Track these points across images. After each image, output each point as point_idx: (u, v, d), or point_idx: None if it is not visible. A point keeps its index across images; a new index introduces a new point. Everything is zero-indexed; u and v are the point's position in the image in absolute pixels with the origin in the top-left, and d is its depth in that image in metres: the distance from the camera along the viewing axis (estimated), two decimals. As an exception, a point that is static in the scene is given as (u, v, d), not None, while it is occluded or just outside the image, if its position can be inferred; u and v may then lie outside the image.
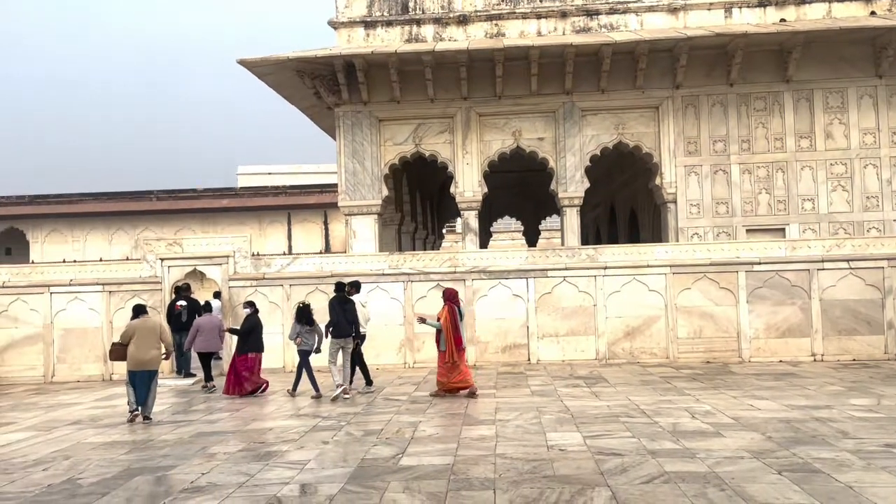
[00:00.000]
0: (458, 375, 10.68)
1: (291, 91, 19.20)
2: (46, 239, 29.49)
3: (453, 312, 10.71)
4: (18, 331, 14.67)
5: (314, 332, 11.40)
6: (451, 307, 10.76)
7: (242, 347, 11.62)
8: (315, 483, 6.23)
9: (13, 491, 6.34)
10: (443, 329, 10.67)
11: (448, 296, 10.95)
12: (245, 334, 11.65)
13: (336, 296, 11.30)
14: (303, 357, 11.42)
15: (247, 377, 11.54)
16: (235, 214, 29.78)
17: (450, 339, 10.61)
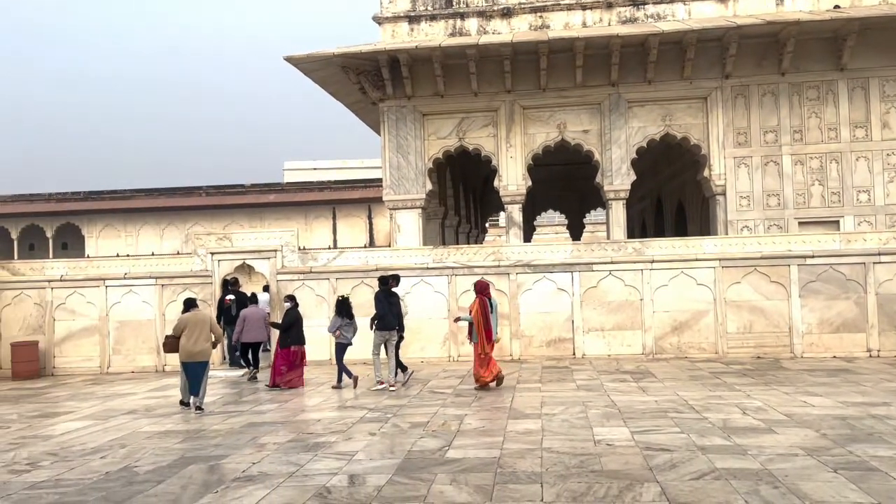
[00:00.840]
0: (488, 370, 10.74)
1: (337, 87, 19.37)
2: (101, 234, 30.36)
3: (484, 305, 10.79)
4: (76, 323, 15.16)
5: (352, 325, 11.63)
6: (483, 300, 10.85)
7: (284, 341, 11.82)
8: (363, 474, 6.31)
9: (72, 478, 6.57)
10: (474, 322, 10.76)
11: (479, 288, 11.05)
12: (286, 328, 11.83)
13: (382, 289, 11.47)
14: (341, 350, 11.63)
15: (284, 371, 11.72)
16: (282, 209, 30.22)
17: (480, 331, 10.70)
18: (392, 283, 11.86)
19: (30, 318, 15.17)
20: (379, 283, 11.69)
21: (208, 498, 5.76)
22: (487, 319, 10.72)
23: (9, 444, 8.13)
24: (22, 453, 7.65)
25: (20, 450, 7.82)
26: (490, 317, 10.76)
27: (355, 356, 12.96)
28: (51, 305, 15.14)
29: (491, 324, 10.75)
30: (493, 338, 10.78)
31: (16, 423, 9.59)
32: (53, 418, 9.85)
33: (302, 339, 11.93)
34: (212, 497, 5.78)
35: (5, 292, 15.22)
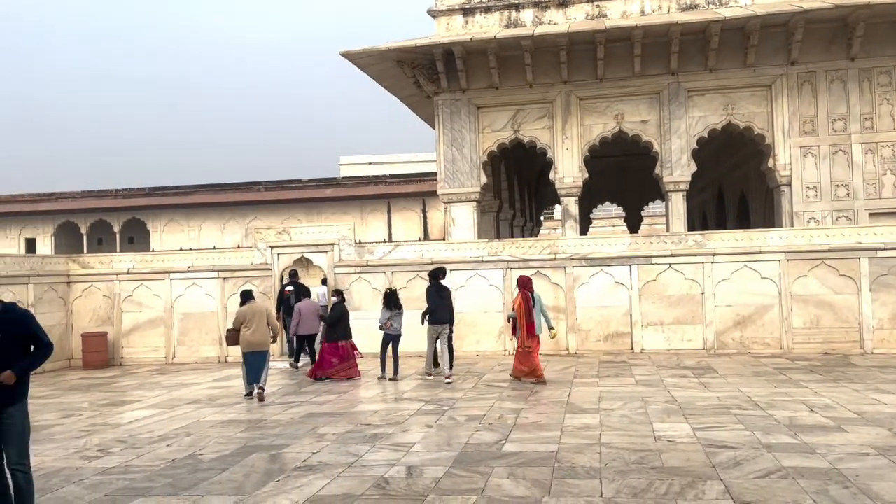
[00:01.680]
0: (529, 364, 10.75)
1: (392, 81, 19.47)
2: (165, 228, 31.29)
3: (527, 299, 10.78)
4: (142, 315, 15.67)
5: (401, 316, 11.79)
6: (525, 294, 10.85)
7: (331, 335, 11.95)
8: (420, 466, 6.34)
9: (141, 464, 6.79)
10: (516, 316, 10.80)
11: (522, 283, 11.07)
12: (333, 323, 11.95)
13: (433, 283, 11.59)
14: (387, 341, 11.81)
15: (334, 364, 11.85)
16: (338, 203, 30.58)
17: (523, 325, 10.72)
18: (440, 276, 11.93)
19: (99, 310, 15.75)
20: (430, 278, 11.82)
21: (270, 486, 5.87)
22: (530, 313, 10.75)
23: (81, 432, 8.45)
24: (93, 440, 7.94)
25: (91, 437, 8.13)
26: (532, 311, 10.77)
27: (409, 349, 13.07)
28: (119, 297, 15.68)
29: (533, 318, 10.76)
30: (534, 332, 10.78)
31: (87, 410, 9.97)
32: (122, 407, 10.21)
33: (349, 334, 12.04)
34: (273, 485, 5.89)
35: (76, 285, 15.83)
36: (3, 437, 4.87)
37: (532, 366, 10.74)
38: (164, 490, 5.89)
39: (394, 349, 11.81)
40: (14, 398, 4.89)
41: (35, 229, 31.61)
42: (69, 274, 15.80)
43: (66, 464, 6.86)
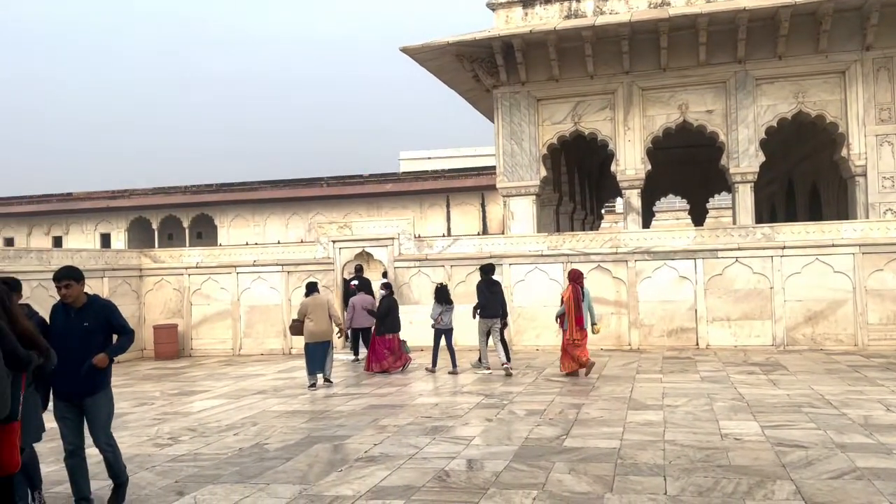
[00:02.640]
0: (579, 353, 10.79)
1: (451, 75, 19.48)
2: (232, 223, 32.13)
3: (576, 292, 10.85)
4: (210, 307, 16.15)
5: (451, 311, 11.89)
6: (575, 287, 10.93)
7: (380, 328, 12.06)
8: (481, 459, 6.35)
9: (209, 453, 7.00)
10: (565, 309, 10.84)
11: (572, 276, 11.15)
12: (382, 316, 12.04)
13: (484, 278, 11.72)
14: (438, 335, 11.90)
15: (386, 356, 11.96)
16: (398, 198, 30.81)
17: (571, 318, 10.78)
18: (491, 271, 12.00)
19: (169, 303, 16.30)
20: (480, 272, 11.96)
21: (333, 476, 5.97)
22: (579, 307, 10.83)
23: (153, 420, 8.78)
24: (164, 428, 8.24)
25: (162, 425, 8.43)
26: (582, 305, 10.84)
27: (463, 342, 13.14)
28: (188, 291, 16.20)
29: (582, 311, 10.84)
30: (583, 325, 10.85)
31: (158, 399, 10.34)
32: (191, 396, 10.55)
33: (397, 327, 12.13)
34: (336, 476, 5.99)
35: (148, 278, 16.42)
36: (91, 420, 5.22)
37: (580, 357, 10.78)
38: (231, 478, 6.06)
39: (448, 343, 11.88)
40: (101, 384, 5.24)
41: (109, 225, 32.91)
42: (141, 268, 16.40)
43: (140, 451, 7.13)
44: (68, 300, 5.21)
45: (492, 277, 11.77)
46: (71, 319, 5.18)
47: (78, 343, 5.10)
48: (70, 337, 5.11)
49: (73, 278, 5.19)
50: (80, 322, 5.17)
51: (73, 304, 5.22)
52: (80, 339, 5.12)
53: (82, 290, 5.28)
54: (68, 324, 5.16)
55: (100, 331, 5.23)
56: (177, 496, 5.61)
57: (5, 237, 32.98)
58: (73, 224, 33.02)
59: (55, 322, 5.21)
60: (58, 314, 5.26)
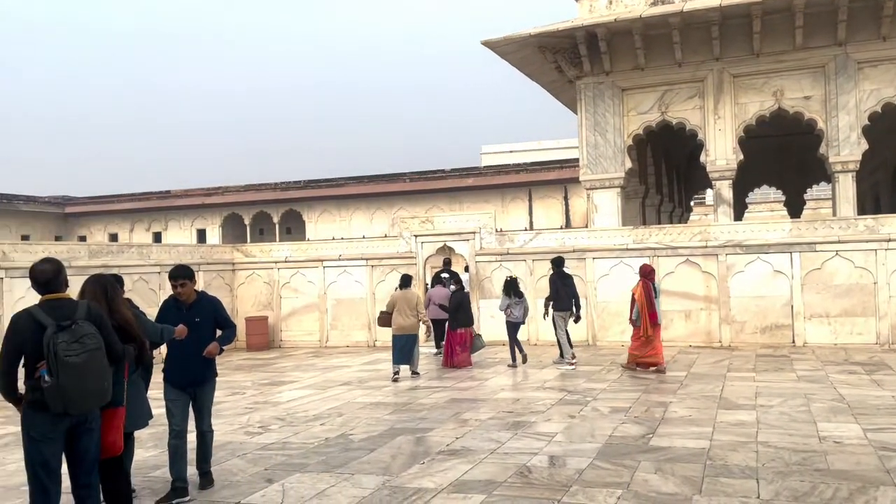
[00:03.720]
0: (651, 350, 10.68)
1: (533, 67, 19.28)
2: (319, 218, 32.91)
3: (647, 288, 10.73)
4: (298, 300, 16.61)
5: (522, 304, 11.86)
6: (646, 283, 10.76)
7: (453, 323, 12.10)
8: (563, 456, 6.27)
9: (297, 441, 7.21)
10: (637, 304, 10.74)
11: (643, 272, 10.97)
12: (453, 311, 12.05)
13: (556, 271, 11.81)
14: (510, 328, 11.90)
15: (458, 351, 11.99)
16: (479, 192, 30.76)
17: (644, 314, 10.65)
18: (562, 264, 12.06)
19: (260, 296, 16.87)
20: (552, 266, 12.03)
21: (415, 468, 6.03)
22: (651, 302, 10.70)
23: (244, 409, 9.11)
24: (255, 417, 8.53)
25: (253, 414, 8.73)
26: (654, 301, 10.72)
27: (543, 337, 13.00)
28: (277, 284, 16.71)
29: (655, 307, 10.71)
30: (657, 320, 10.71)
31: (250, 389, 10.72)
32: (280, 386, 10.89)
33: (469, 321, 12.15)
34: (419, 468, 6.04)
35: (240, 272, 17.05)
36: (199, 406, 5.69)
37: (654, 354, 10.69)
38: (317, 467, 6.21)
39: (510, 337, 11.98)
40: (211, 374, 5.73)
41: (205, 221, 34.32)
42: (234, 262, 17.04)
43: (232, 438, 7.42)
44: (182, 297, 5.63)
45: (563, 270, 11.88)
46: (182, 315, 5.60)
47: (189, 337, 5.50)
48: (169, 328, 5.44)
49: (187, 277, 5.64)
50: (191, 317, 5.59)
51: (185, 300, 5.64)
52: (192, 333, 5.52)
53: (194, 288, 5.71)
54: (180, 319, 5.56)
55: (208, 324, 5.68)
56: (266, 483, 5.79)
57: (110, 233, 34.90)
58: (172, 220, 34.62)
59: (168, 317, 5.62)
60: (170, 310, 5.69)
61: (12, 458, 6.75)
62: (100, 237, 34.48)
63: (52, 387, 3.86)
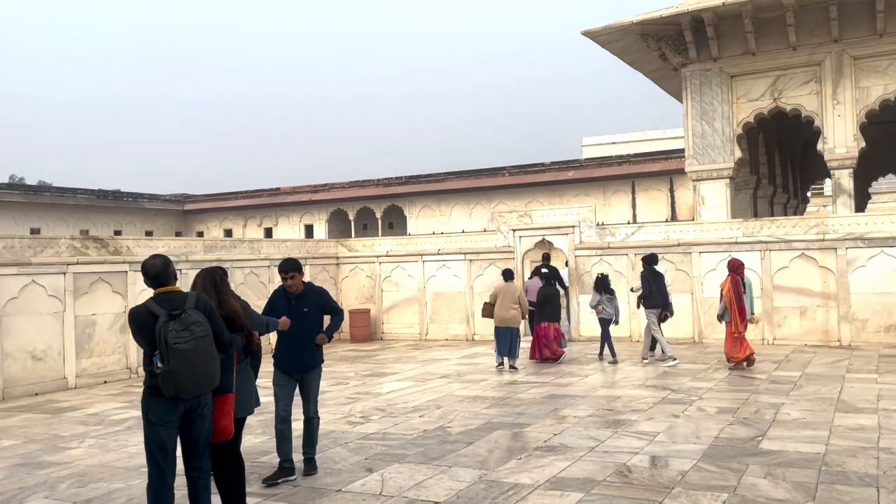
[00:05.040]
0: (742, 346, 10.47)
1: (636, 56, 18.77)
2: (419, 213, 33.37)
3: (736, 283, 10.50)
4: (399, 294, 16.92)
5: (613, 301, 11.87)
6: (735, 278, 10.53)
7: (538, 316, 12.06)
8: (665, 456, 6.09)
9: (397, 432, 7.35)
10: (725, 301, 10.47)
11: (732, 267, 10.74)
12: (538, 305, 11.97)
13: (648, 268, 11.68)
14: (603, 325, 11.88)
15: (543, 345, 11.92)
16: (580, 185, 30.26)
17: (734, 310, 10.42)
18: (654, 261, 11.92)
19: (363, 289, 17.30)
20: (643, 263, 11.91)
21: (512, 463, 6.02)
22: (740, 298, 10.42)
23: (347, 399, 9.37)
24: (357, 407, 8.76)
25: (355, 404, 8.97)
26: (743, 296, 10.43)
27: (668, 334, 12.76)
28: (379, 278, 17.08)
29: (744, 303, 10.42)
30: (745, 316, 10.41)
31: (352, 380, 11.02)
32: (381, 378, 11.14)
33: (554, 316, 12.05)
34: (516, 463, 6.03)
35: (344, 266, 17.54)
36: (306, 391, 5.97)
37: (744, 349, 10.47)
38: (416, 458, 6.31)
39: (602, 333, 11.95)
40: (318, 361, 6.01)
41: (312, 216, 35.52)
42: (338, 256, 17.55)
43: (334, 427, 7.65)
44: (291, 289, 5.92)
45: (655, 268, 11.77)
46: (292, 305, 5.89)
47: (298, 325, 5.78)
48: (292, 320, 5.75)
49: (296, 270, 5.93)
50: (300, 307, 5.87)
51: (294, 291, 5.92)
52: (301, 322, 5.81)
53: (302, 280, 5.98)
54: (289, 309, 5.86)
55: (316, 314, 5.97)
56: (366, 472, 5.94)
57: (225, 228, 36.73)
58: (282, 216, 36.04)
59: (277, 307, 5.93)
60: (279, 300, 5.99)
61: (134, 440, 7.24)
62: (216, 232, 36.38)
63: (164, 372, 4.10)
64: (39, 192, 32.82)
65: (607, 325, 11.90)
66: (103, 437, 7.69)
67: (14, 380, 10.54)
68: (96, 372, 11.66)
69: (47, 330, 11.07)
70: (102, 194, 33.92)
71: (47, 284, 11.11)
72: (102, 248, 12.12)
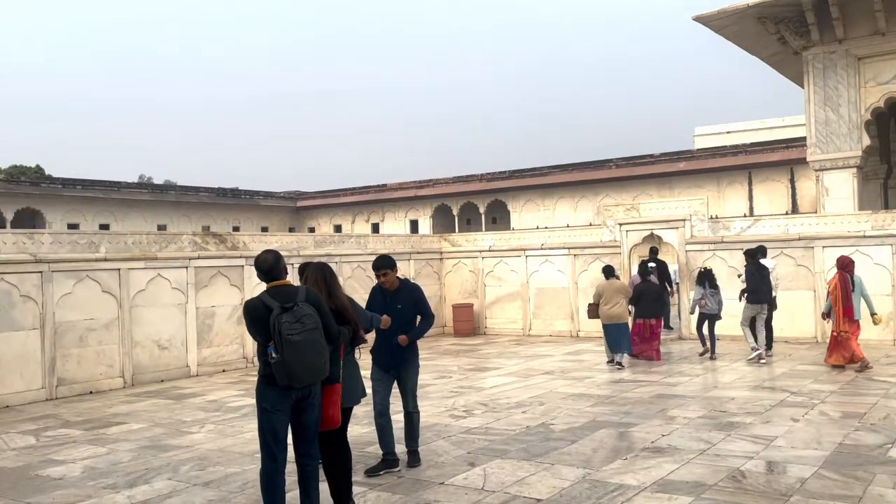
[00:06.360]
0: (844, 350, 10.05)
1: (751, 41, 17.86)
2: (523, 208, 33.21)
3: (845, 281, 10.03)
4: (501, 289, 16.89)
5: (717, 296, 11.62)
6: (843, 276, 10.06)
7: (635, 313, 11.88)
8: (783, 462, 5.76)
9: (498, 428, 7.33)
10: (831, 299, 9.98)
11: (842, 264, 10.22)
12: (635, 301, 11.70)
13: (752, 262, 11.30)
14: (702, 319, 11.71)
15: (636, 341, 11.68)
16: (692, 177, 29.16)
17: (838, 309, 9.99)
18: (759, 255, 11.47)
19: (465, 284, 17.39)
20: (747, 257, 11.45)
21: (617, 463, 5.88)
22: (847, 297, 9.83)
23: (450, 392, 9.45)
24: (459, 401, 8.82)
25: (458, 398, 9.03)
26: (851, 295, 9.82)
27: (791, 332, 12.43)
28: (482, 273, 17.11)
29: (851, 301, 9.81)
30: (853, 316, 9.93)
31: (455, 374, 11.10)
32: (484, 372, 11.16)
33: (651, 312, 11.76)
34: (621, 463, 5.88)
35: (447, 261, 17.69)
36: (403, 387, 6.08)
37: (851, 351, 9.92)
38: (518, 454, 6.27)
39: (710, 329, 11.61)
40: (411, 357, 6.06)
41: (417, 212, 36.10)
42: (441, 251, 17.72)
43: (438, 420, 7.73)
44: (385, 286, 6.01)
45: (759, 261, 11.31)
46: (386, 301, 5.99)
47: (393, 321, 5.85)
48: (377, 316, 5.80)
49: (389, 267, 5.99)
50: (394, 304, 5.96)
51: (388, 287, 6.01)
52: (395, 318, 5.87)
53: (396, 276, 6.06)
54: (384, 304, 5.96)
55: (409, 310, 6.01)
56: (468, 466, 5.97)
57: (335, 224, 37.94)
58: (388, 212, 36.83)
59: (374, 303, 6.04)
60: (376, 296, 6.10)
61: (249, 427, 7.59)
62: (326, 228, 37.62)
63: (278, 362, 4.27)
64: (165, 190, 35.04)
65: (713, 320, 11.63)
66: (221, 422, 8.11)
67: (142, 367, 11.31)
68: (215, 361, 12.32)
69: (171, 320, 11.80)
70: (222, 192, 35.82)
71: (171, 278, 11.83)
72: (221, 243, 12.77)
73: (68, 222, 29.10)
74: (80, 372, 10.55)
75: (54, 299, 10.33)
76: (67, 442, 7.43)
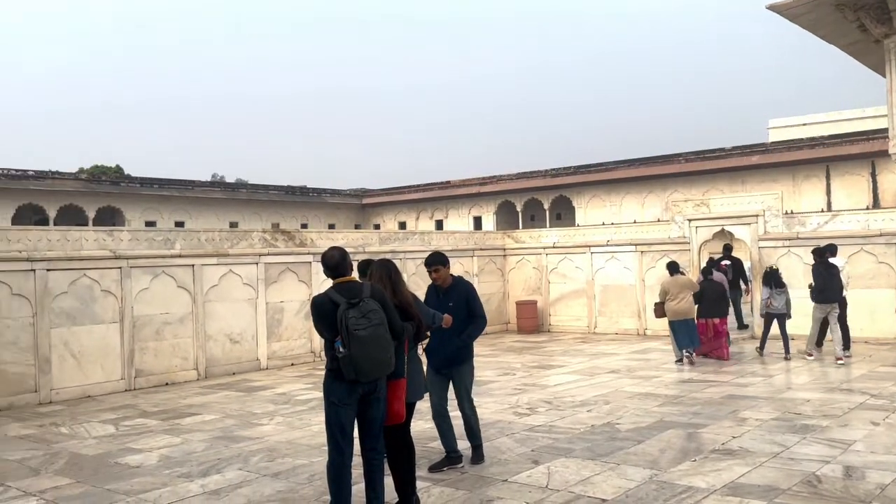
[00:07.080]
0: None
1: (829, 29, 16.98)
2: (588, 204, 32.78)
3: None
4: (566, 286, 16.72)
5: (783, 295, 11.31)
6: None
7: (699, 312, 11.59)
8: (862, 468, 5.53)
9: (563, 426, 7.27)
10: None
11: None
12: (697, 300, 11.44)
13: (820, 261, 10.97)
14: (769, 319, 11.52)
15: (703, 341, 11.44)
16: (765, 171, 28.23)
17: None
18: (828, 254, 11.07)
19: (529, 280, 17.29)
20: (815, 255, 11.09)
21: (685, 465, 5.75)
22: None
23: (514, 389, 9.42)
24: (523, 398, 8.78)
25: (522, 395, 8.99)
26: None
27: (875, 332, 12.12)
28: (546, 269, 16.99)
29: None
30: None
31: (519, 371, 11.06)
32: (548, 370, 11.08)
33: (713, 312, 11.49)
34: (689, 465, 5.75)
35: (510, 257, 17.63)
36: (457, 387, 6.00)
37: None
38: (583, 453, 6.21)
39: (780, 328, 11.31)
40: (464, 358, 5.97)
41: (480, 209, 36.07)
42: (505, 248, 17.67)
43: (501, 417, 7.72)
44: (438, 283, 6.00)
45: (828, 260, 10.94)
46: (439, 299, 5.97)
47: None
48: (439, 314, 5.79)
49: (440, 263, 5.95)
50: (446, 301, 5.91)
51: (441, 284, 5.98)
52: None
53: (448, 273, 6.01)
54: (437, 302, 5.94)
55: (461, 308, 5.90)
56: (532, 464, 5.94)
57: (399, 221, 38.29)
58: (451, 209, 36.93)
59: (429, 300, 6.03)
60: (431, 294, 6.10)
61: (317, 420, 7.75)
62: (391, 225, 38.02)
63: (346, 357, 4.35)
64: (236, 189, 36.07)
65: (782, 319, 11.31)
66: (290, 415, 8.31)
67: (215, 360, 11.69)
68: (284, 355, 12.63)
69: (243, 315, 12.15)
70: (290, 190, 36.62)
71: (242, 273, 12.18)
72: (289, 240, 13.07)
73: (146, 220, 30.28)
74: (156, 364, 10.99)
75: (132, 294, 10.78)
76: (145, 431, 7.75)
